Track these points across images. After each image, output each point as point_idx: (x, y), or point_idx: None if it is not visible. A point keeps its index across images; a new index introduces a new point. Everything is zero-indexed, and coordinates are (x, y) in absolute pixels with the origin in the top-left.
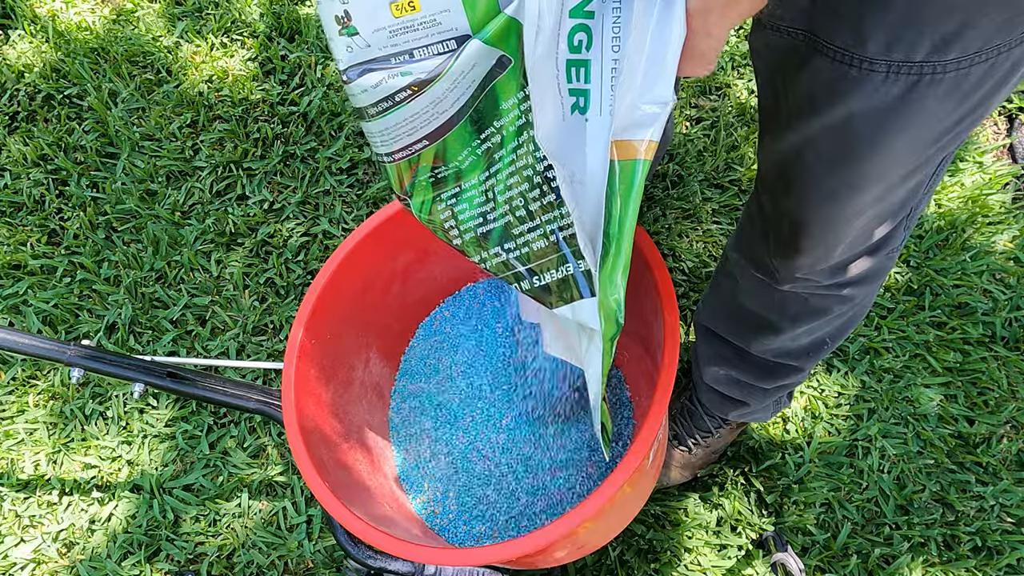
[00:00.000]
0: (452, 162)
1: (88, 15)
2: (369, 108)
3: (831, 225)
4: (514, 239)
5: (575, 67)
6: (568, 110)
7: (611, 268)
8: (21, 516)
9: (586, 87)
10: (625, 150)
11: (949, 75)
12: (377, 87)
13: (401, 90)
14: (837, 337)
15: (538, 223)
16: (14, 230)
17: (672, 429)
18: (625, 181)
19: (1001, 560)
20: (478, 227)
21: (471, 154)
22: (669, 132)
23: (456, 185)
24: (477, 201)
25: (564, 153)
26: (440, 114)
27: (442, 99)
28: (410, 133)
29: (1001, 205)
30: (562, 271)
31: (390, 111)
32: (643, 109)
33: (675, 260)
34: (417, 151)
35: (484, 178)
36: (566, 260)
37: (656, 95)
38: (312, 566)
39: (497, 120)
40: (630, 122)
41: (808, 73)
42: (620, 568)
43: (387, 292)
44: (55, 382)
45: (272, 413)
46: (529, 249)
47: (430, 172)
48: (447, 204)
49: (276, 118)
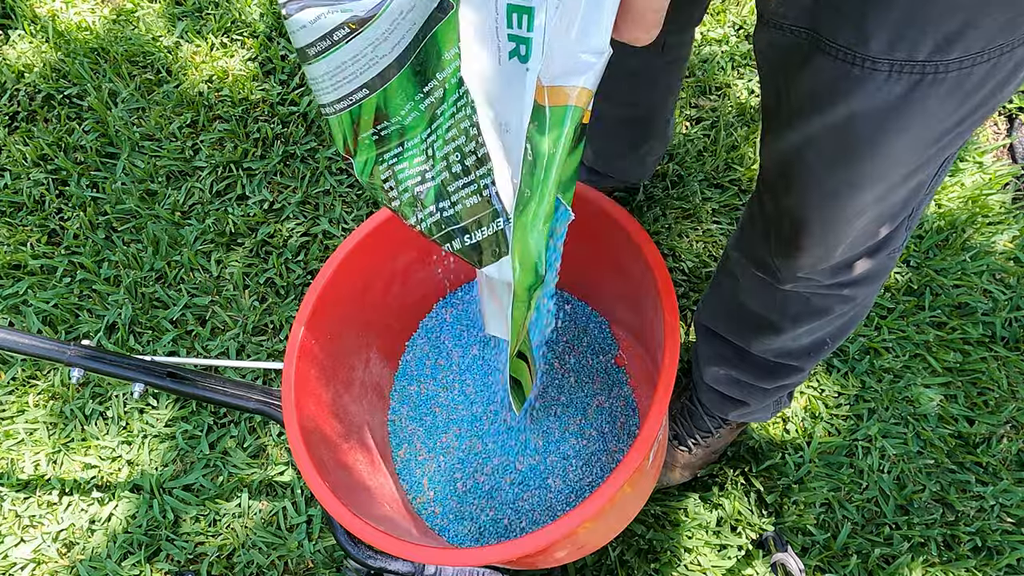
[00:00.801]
0: (395, 116)
1: (88, 15)
2: (308, 48)
3: (832, 224)
4: (448, 197)
5: (516, 13)
6: (506, 55)
7: (533, 217)
8: (21, 516)
9: (528, 35)
10: (556, 96)
11: (951, 75)
12: (315, 23)
13: (339, 27)
14: (838, 337)
15: (472, 178)
16: (14, 230)
17: (672, 429)
18: (555, 126)
19: (1001, 560)
20: (416, 186)
21: (414, 109)
22: (670, 132)
23: (399, 143)
24: (417, 160)
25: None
26: (380, 58)
27: (381, 41)
28: (350, 80)
29: (1001, 205)
30: (493, 226)
31: (329, 51)
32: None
33: (675, 260)
34: (358, 100)
35: (426, 135)
36: (497, 215)
37: (592, 44)
38: (312, 566)
39: (439, 72)
40: (564, 68)
41: (810, 72)
42: (620, 568)
43: (387, 292)
44: (55, 382)
45: (272, 413)
46: (463, 206)
47: (372, 130)
48: (388, 164)
49: (276, 118)
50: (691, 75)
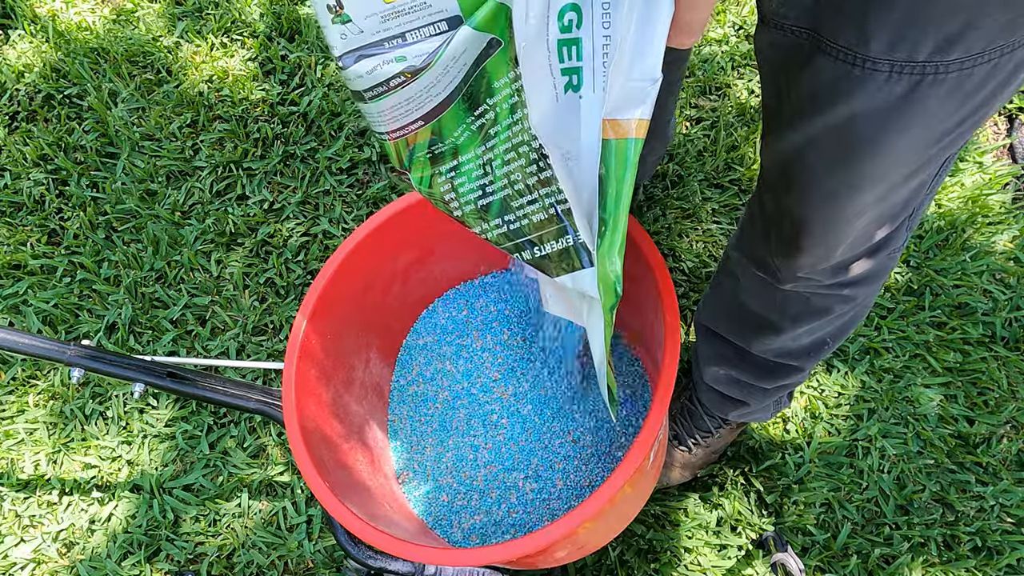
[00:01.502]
0: (448, 138)
1: (88, 15)
2: (365, 92)
3: (832, 225)
4: (513, 211)
5: (566, 46)
6: (562, 90)
7: (608, 245)
8: (21, 516)
9: (578, 65)
10: (618, 128)
11: (952, 75)
12: (372, 73)
13: (395, 76)
14: (838, 337)
15: (536, 196)
16: (14, 230)
17: (672, 429)
18: (620, 160)
19: (1001, 560)
20: (478, 199)
21: (466, 130)
22: (670, 132)
23: (454, 160)
24: (475, 175)
25: (559, 133)
26: (434, 96)
27: (435, 84)
28: (405, 115)
29: (1001, 205)
30: (562, 242)
31: (385, 95)
32: (632, 86)
33: (675, 260)
34: (413, 131)
35: (481, 152)
36: (566, 232)
37: (645, 71)
38: (312, 566)
39: (490, 98)
40: (621, 100)
41: (811, 72)
42: (620, 568)
43: (387, 292)
44: (55, 382)
45: (272, 413)
46: (529, 221)
47: (427, 149)
48: (447, 177)
49: (276, 118)
50: (691, 75)
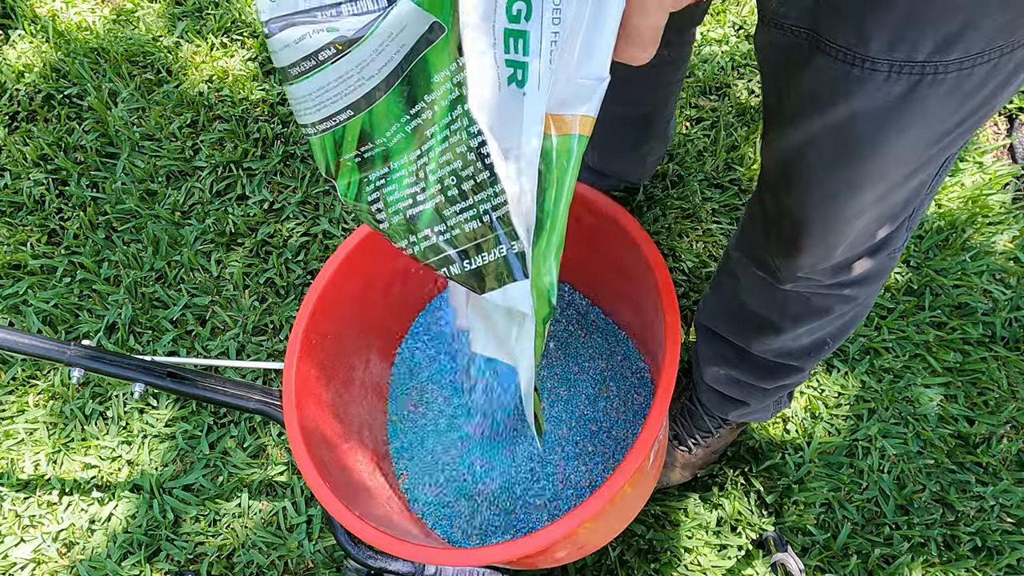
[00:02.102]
0: (379, 139)
1: (88, 15)
2: (291, 68)
3: (832, 224)
4: (444, 220)
5: (513, 37)
6: (504, 81)
7: (545, 246)
8: (21, 516)
9: (524, 59)
10: (561, 125)
11: (951, 75)
12: (299, 42)
13: (324, 47)
14: (838, 337)
15: (471, 203)
16: (14, 230)
17: (672, 429)
18: (561, 156)
19: (1001, 560)
20: (407, 209)
21: (400, 131)
22: (670, 132)
23: (385, 166)
24: (407, 182)
25: (499, 126)
26: (366, 80)
27: (368, 62)
28: (334, 100)
29: (1001, 205)
30: (495, 253)
31: (313, 72)
32: (579, 83)
33: (675, 260)
34: (341, 122)
35: (415, 157)
36: (499, 241)
37: (592, 70)
38: (312, 566)
39: (428, 94)
40: (566, 96)
41: (810, 72)
42: (620, 568)
43: (388, 292)
44: (55, 382)
45: (272, 413)
46: (460, 231)
47: (355, 152)
48: (376, 186)
49: (276, 118)
50: (691, 75)
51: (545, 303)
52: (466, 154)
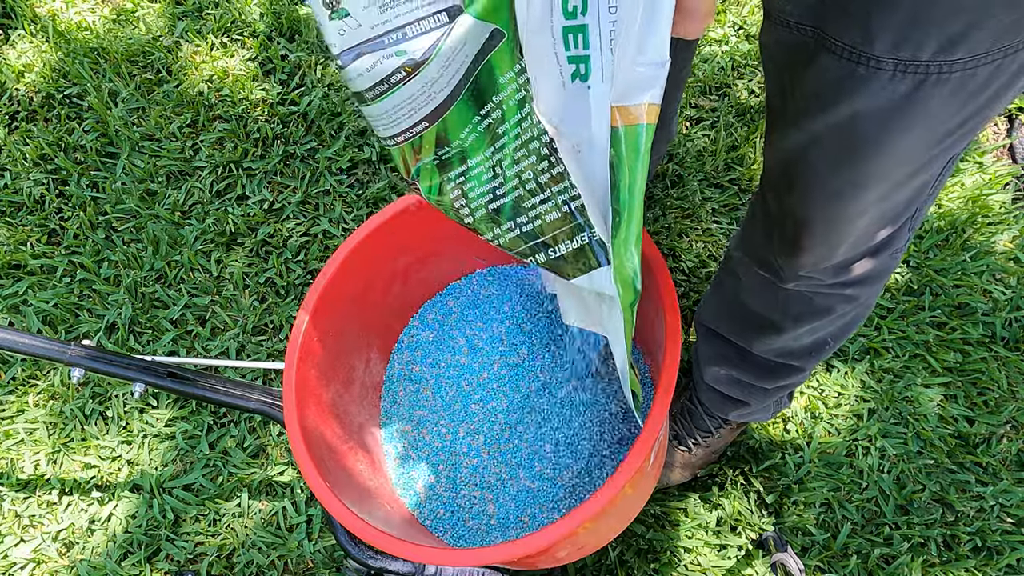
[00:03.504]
0: (455, 141)
1: (88, 15)
2: (366, 92)
3: (835, 224)
4: (526, 212)
5: (572, 33)
6: (568, 78)
7: (624, 236)
8: (21, 516)
9: (585, 53)
10: (627, 115)
11: (955, 75)
12: (372, 70)
13: (395, 72)
14: (839, 337)
15: (549, 195)
16: (14, 230)
17: (672, 429)
18: (631, 146)
19: (1001, 560)
20: (489, 203)
21: (473, 131)
22: (673, 128)
23: (462, 164)
24: (485, 178)
25: (567, 123)
26: (437, 93)
27: (437, 79)
28: (409, 115)
29: (1001, 205)
30: (577, 240)
31: (387, 94)
32: (640, 71)
33: (675, 260)
34: (418, 133)
35: (490, 154)
36: (581, 229)
37: (651, 56)
38: (312, 566)
39: (495, 95)
40: (629, 86)
41: (815, 70)
42: (620, 568)
43: (388, 292)
44: (55, 382)
45: (273, 413)
46: (542, 221)
47: (434, 156)
48: (456, 183)
49: (276, 118)
50: (691, 75)
51: (630, 290)
52: (539, 149)
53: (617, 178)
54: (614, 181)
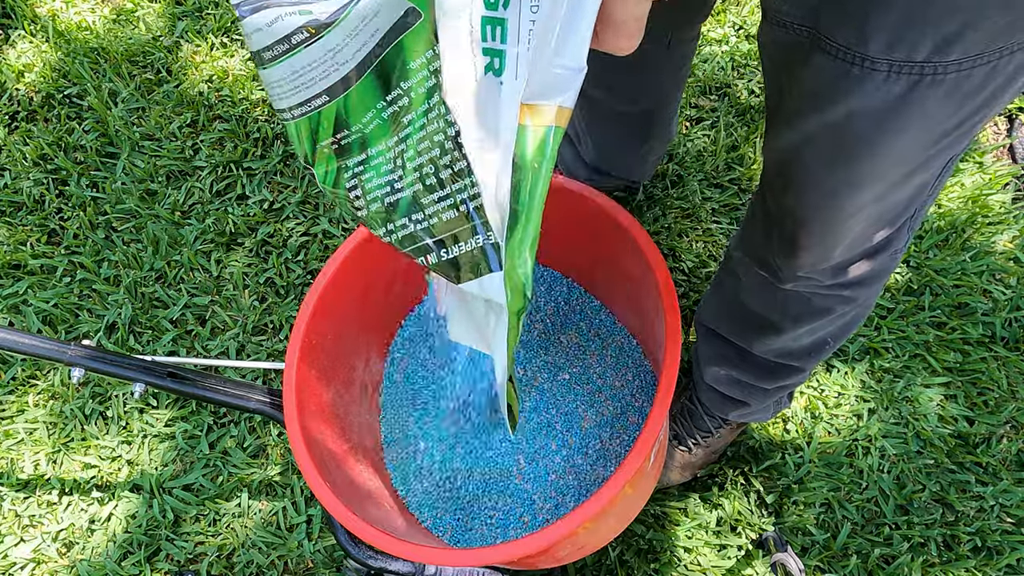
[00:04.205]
0: (355, 126)
1: (88, 15)
2: (264, 52)
3: (831, 224)
4: (423, 209)
5: (491, 25)
6: (482, 70)
7: (520, 239)
8: (21, 516)
9: (502, 47)
10: (536, 114)
11: (950, 76)
12: (272, 25)
13: (297, 31)
14: (839, 337)
15: (448, 192)
16: (14, 230)
17: (672, 429)
18: (537, 147)
19: (1001, 560)
20: (385, 196)
21: (376, 117)
22: (672, 130)
23: (362, 152)
24: (385, 169)
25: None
26: (340, 65)
27: (342, 47)
28: (308, 85)
29: (1001, 205)
30: (472, 243)
31: (285, 56)
32: (556, 72)
33: (675, 260)
34: (317, 107)
35: (392, 143)
36: (476, 232)
37: (568, 60)
38: (312, 566)
39: (404, 80)
40: (542, 86)
41: (810, 70)
42: (620, 568)
43: (388, 292)
44: (55, 382)
45: (273, 413)
46: (438, 219)
47: (332, 138)
48: (353, 172)
49: (276, 118)
50: (691, 75)
51: (519, 296)
52: (444, 143)
53: (519, 177)
54: (515, 180)
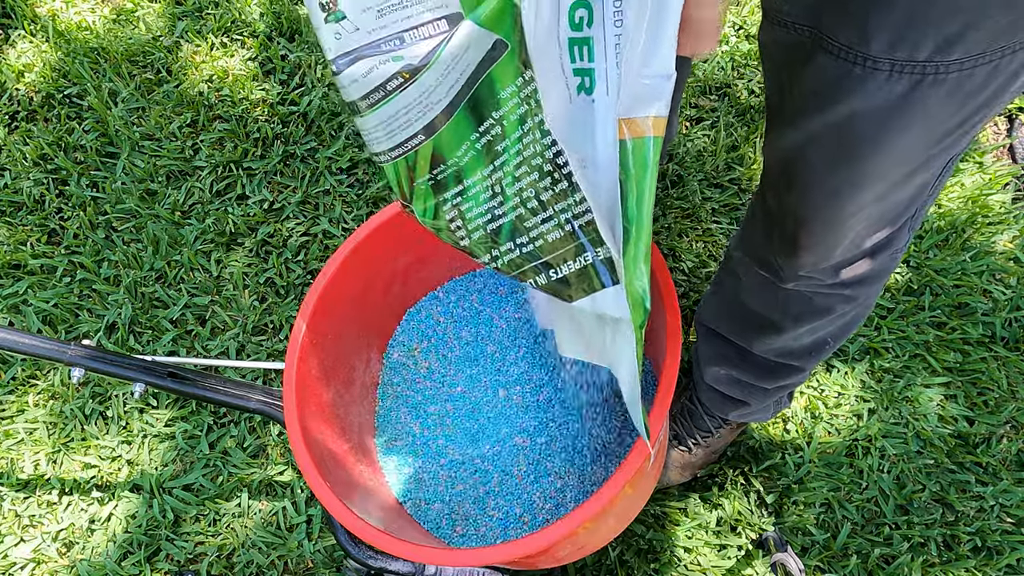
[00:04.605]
0: (451, 159)
1: (88, 15)
2: (360, 101)
3: (832, 223)
4: (527, 232)
5: (578, 46)
6: (574, 91)
7: (634, 253)
8: (21, 516)
9: (590, 66)
10: (634, 128)
11: (952, 76)
12: (367, 76)
13: (392, 78)
14: (839, 337)
15: (551, 213)
16: (14, 230)
17: (672, 429)
18: (638, 160)
19: (1001, 560)
20: (487, 224)
21: (471, 149)
22: (673, 131)
23: (459, 184)
24: (483, 197)
25: (573, 137)
26: (434, 104)
27: (435, 87)
28: (404, 127)
29: (1001, 205)
30: (580, 261)
31: (382, 103)
32: (645, 84)
33: (675, 260)
34: (414, 147)
35: (488, 172)
36: (584, 249)
37: (657, 68)
38: (312, 566)
39: (496, 110)
40: (635, 99)
41: (812, 70)
42: (620, 568)
43: (388, 292)
44: (55, 382)
45: (273, 413)
46: (543, 241)
47: (429, 175)
48: (452, 204)
49: (276, 118)
50: (691, 75)
51: (640, 309)
52: (542, 166)
53: (625, 193)
54: (622, 196)
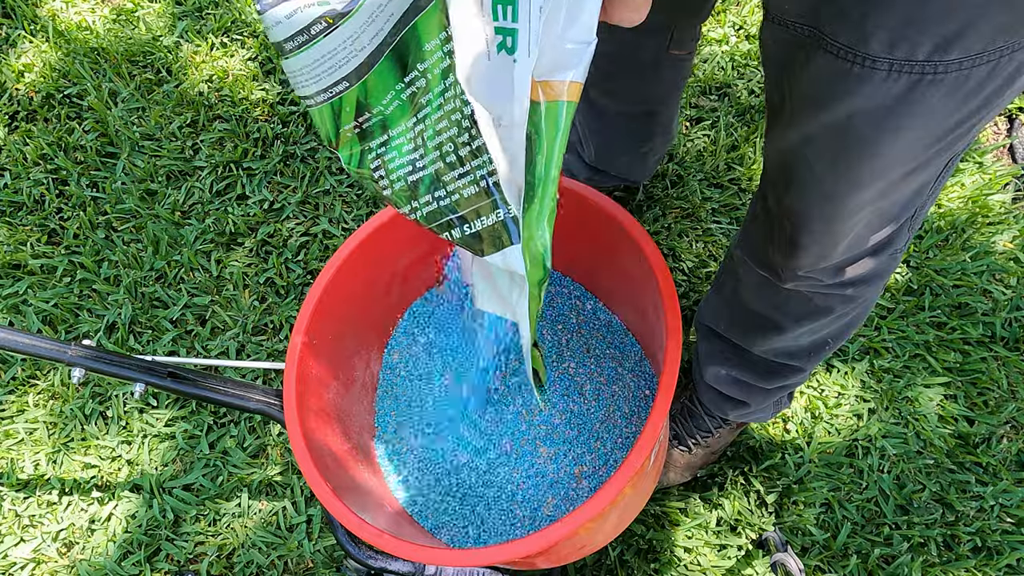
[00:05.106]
0: (376, 108)
1: (88, 15)
2: (284, 43)
3: (832, 223)
4: (444, 186)
5: (501, 5)
6: (494, 50)
7: (538, 210)
8: (21, 516)
9: (514, 26)
10: (549, 90)
11: (951, 75)
12: (291, 18)
13: (315, 22)
14: (839, 337)
15: (468, 169)
16: (14, 230)
17: (672, 429)
18: (551, 121)
19: (1001, 560)
20: (408, 175)
21: (395, 99)
22: (673, 130)
23: (383, 134)
24: (406, 149)
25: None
26: (358, 51)
27: (359, 35)
28: (329, 72)
29: (1001, 205)
30: (492, 217)
31: (306, 46)
32: (567, 48)
33: (675, 260)
34: (338, 93)
35: (412, 124)
36: (497, 206)
37: (578, 34)
38: (312, 566)
39: (421, 62)
40: (554, 62)
41: (812, 69)
42: (620, 568)
43: (388, 292)
44: (55, 382)
45: (273, 413)
46: (459, 196)
47: (354, 122)
48: (376, 153)
49: (276, 118)
50: (691, 75)
51: (539, 267)
52: (461, 121)
53: (534, 151)
54: (530, 155)
